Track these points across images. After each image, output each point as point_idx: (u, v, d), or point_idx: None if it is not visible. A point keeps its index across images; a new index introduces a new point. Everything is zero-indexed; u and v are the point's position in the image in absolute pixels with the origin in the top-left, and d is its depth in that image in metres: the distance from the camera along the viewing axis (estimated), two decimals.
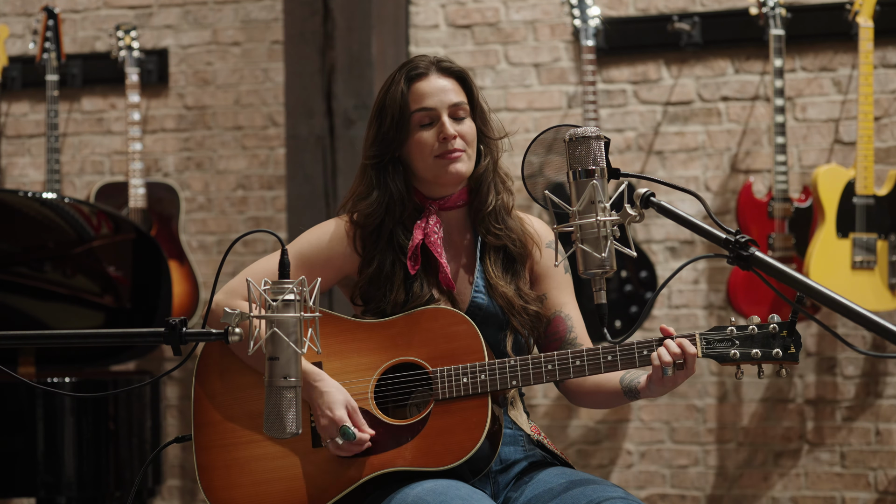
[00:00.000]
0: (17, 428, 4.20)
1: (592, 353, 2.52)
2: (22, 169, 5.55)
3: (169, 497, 5.37)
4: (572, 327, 2.70)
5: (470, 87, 2.70)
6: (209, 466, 2.62)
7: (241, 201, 5.37)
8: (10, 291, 4.48)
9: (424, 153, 2.65)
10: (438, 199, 2.69)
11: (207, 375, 2.65)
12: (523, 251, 2.71)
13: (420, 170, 2.67)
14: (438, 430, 2.54)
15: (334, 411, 2.54)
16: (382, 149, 2.68)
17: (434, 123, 2.66)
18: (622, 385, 2.58)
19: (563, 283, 2.73)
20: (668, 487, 5.00)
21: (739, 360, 2.51)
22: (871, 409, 4.83)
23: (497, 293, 2.66)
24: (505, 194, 2.71)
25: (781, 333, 2.49)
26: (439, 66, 2.70)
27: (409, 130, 2.66)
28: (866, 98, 4.53)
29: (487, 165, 2.70)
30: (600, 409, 4.99)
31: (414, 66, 2.69)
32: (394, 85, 2.67)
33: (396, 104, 2.66)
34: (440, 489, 2.44)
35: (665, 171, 4.99)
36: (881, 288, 4.59)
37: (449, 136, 2.64)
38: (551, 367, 2.54)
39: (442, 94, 2.66)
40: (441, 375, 2.55)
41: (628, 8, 5.03)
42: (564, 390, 2.71)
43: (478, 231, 2.71)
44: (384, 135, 2.68)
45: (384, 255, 2.67)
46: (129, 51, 5.20)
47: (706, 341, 2.51)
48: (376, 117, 2.69)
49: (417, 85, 2.67)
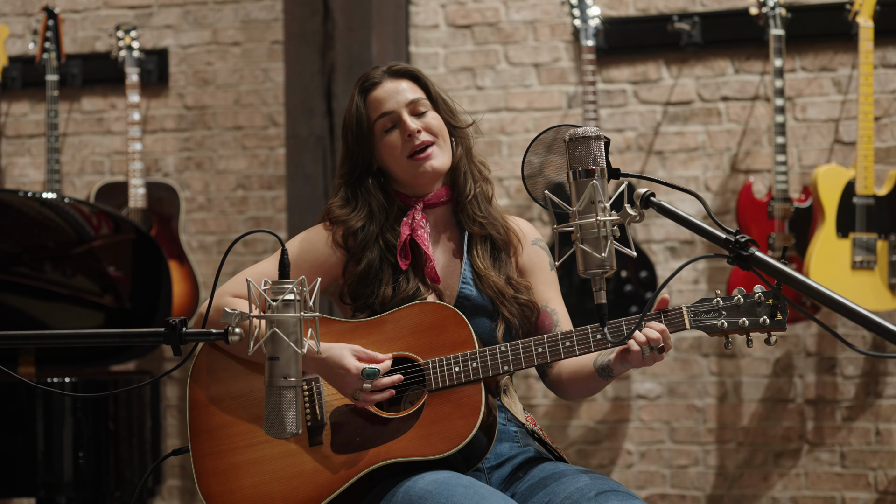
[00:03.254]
0: (17, 428, 4.20)
1: (581, 332, 2.55)
2: (22, 169, 5.55)
3: (169, 497, 5.38)
4: (558, 322, 2.74)
5: (425, 84, 2.76)
6: (208, 473, 2.64)
7: (241, 201, 5.37)
8: (10, 291, 4.48)
9: (396, 156, 2.71)
10: (421, 197, 2.74)
11: (201, 382, 2.67)
12: (507, 239, 2.75)
13: (397, 173, 2.73)
14: (434, 419, 2.55)
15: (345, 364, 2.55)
16: (352, 164, 2.75)
17: (397, 126, 2.71)
18: (595, 366, 2.62)
19: (549, 279, 2.78)
20: (668, 487, 5.00)
21: (727, 330, 2.51)
22: (871, 409, 4.83)
23: (486, 284, 2.69)
24: (483, 183, 2.78)
25: (767, 301, 2.49)
26: (390, 71, 2.76)
27: (374, 140, 2.72)
28: (866, 98, 4.53)
29: (461, 155, 2.75)
30: (597, 406, 5.00)
31: (367, 78, 2.75)
32: (353, 102, 2.74)
33: (354, 119, 2.73)
34: (442, 480, 2.45)
35: (665, 171, 4.99)
36: (881, 288, 4.59)
37: (412, 131, 2.69)
38: (542, 350, 2.56)
39: (397, 96, 2.72)
40: (433, 366, 2.57)
41: (628, 8, 5.03)
42: (549, 384, 2.76)
43: (463, 225, 2.75)
44: (351, 151, 2.74)
45: (372, 254, 2.70)
46: (129, 51, 5.20)
47: (693, 313, 2.52)
48: (343, 136, 2.77)
49: (373, 94, 2.73)
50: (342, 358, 2.56)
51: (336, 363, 2.56)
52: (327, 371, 2.58)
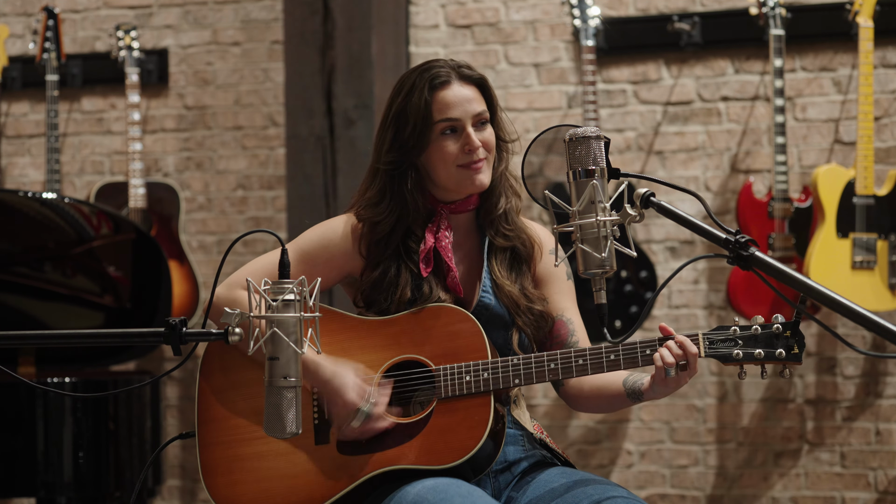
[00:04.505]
0: (17, 428, 4.20)
1: (595, 351, 2.52)
2: (22, 169, 5.55)
3: (169, 497, 5.37)
4: (574, 331, 2.70)
5: (490, 94, 2.69)
6: (212, 463, 2.63)
7: (241, 201, 5.37)
8: (10, 291, 4.48)
9: (447, 162, 2.63)
10: (450, 204, 2.69)
11: (212, 371, 2.66)
12: (532, 252, 2.71)
13: (440, 178, 2.65)
14: (441, 429, 2.54)
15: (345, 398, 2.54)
16: (400, 155, 2.66)
17: (457, 132, 2.64)
18: (626, 387, 2.57)
19: (565, 288, 2.74)
20: (668, 487, 5.00)
21: (742, 361, 2.49)
22: (871, 409, 4.83)
23: (503, 292, 2.66)
24: (514, 198, 2.72)
25: (785, 333, 2.47)
26: (460, 73, 2.67)
27: (430, 139, 2.64)
28: (866, 98, 4.53)
29: (502, 171, 2.70)
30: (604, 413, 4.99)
31: (436, 75, 2.65)
32: (415, 92, 2.63)
33: (420, 112, 2.63)
34: (441, 487, 2.44)
35: (665, 171, 4.99)
36: (881, 288, 4.58)
37: (475, 147, 2.62)
38: (554, 366, 2.54)
39: (466, 105, 2.64)
40: (444, 374, 2.55)
41: (628, 8, 5.03)
42: (564, 395, 2.71)
43: (486, 232, 2.71)
44: (404, 142, 2.65)
45: (390, 261, 2.66)
46: (129, 51, 5.20)
47: (709, 341, 2.50)
48: (393, 122, 2.66)
49: (441, 94, 2.64)
50: (344, 388, 2.55)
51: (336, 390, 2.55)
52: (326, 392, 2.57)
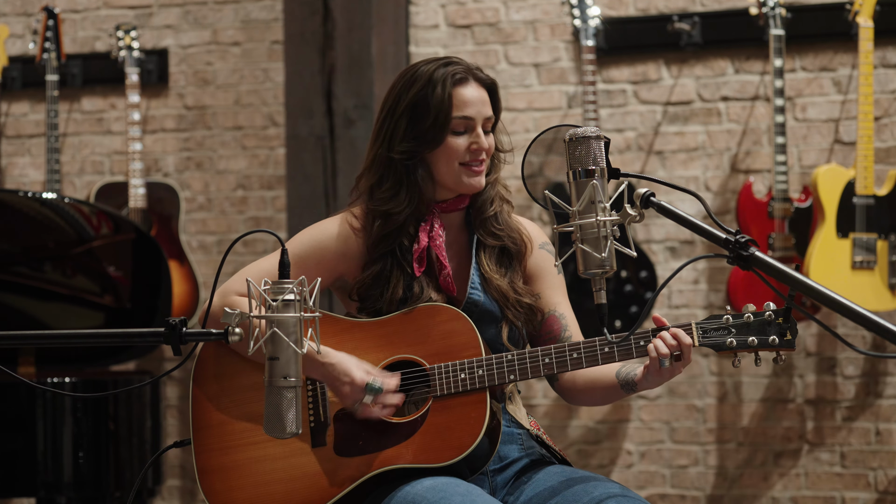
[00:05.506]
0: (17, 428, 4.20)
1: (589, 345, 2.53)
2: (22, 169, 5.55)
3: (169, 497, 5.37)
4: (566, 326, 2.70)
5: (497, 100, 2.71)
6: (209, 469, 2.63)
7: (241, 201, 5.37)
8: (10, 291, 4.48)
9: (452, 159, 2.64)
10: (442, 203, 2.70)
11: (205, 378, 2.65)
12: (521, 248, 2.72)
13: (441, 173, 2.66)
14: (437, 427, 2.54)
15: (352, 374, 2.54)
16: (417, 146, 2.65)
17: (467, 132, 2.65)
18: (619, 378, 2.58)
19: (556, 283, 2.75)
20: (668, 487, 5.00)
21: (736, 349, 2.49)
22: (871, 409, 4.83)
23: (492, 287, 2.66)
24: (506, 204, 2.74)
25: (777, 320, 2.48)
26: (475, 74, 2.68)
27: (447, 133, 2.65)
28: (866, 98, 4.53)
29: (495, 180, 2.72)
30: (597, 407, 4.99)
31: (455, 71, 2.65)
32: (437, 84, 2.63)
33: (442, 105, 2.63)
34: (440, 486, 2.45)
35: (665, 171, 4.99)
36: (881, 288, 4.59)
37: (482, 148, 2.65)
38: (548, 361, 2.54)
39: (481, 106, 2.66)
40: (438, 372, 2.56)
41: (628, 8, 5.03)
42: (559, 389, 2.72)
43: (474, 230, 2.72)
44: (423, 133, 2.64)
45: (384, 259, 2.66)
46: (129, 51, 5.20)
47: (702, 330, 2.51)
48: (408, 112, 2.65)
49: (460, 91, 2.65)
50: (349, 367, 2.55)
51: (342, 371, 2.55)
52: (331, 378, 2.56)
